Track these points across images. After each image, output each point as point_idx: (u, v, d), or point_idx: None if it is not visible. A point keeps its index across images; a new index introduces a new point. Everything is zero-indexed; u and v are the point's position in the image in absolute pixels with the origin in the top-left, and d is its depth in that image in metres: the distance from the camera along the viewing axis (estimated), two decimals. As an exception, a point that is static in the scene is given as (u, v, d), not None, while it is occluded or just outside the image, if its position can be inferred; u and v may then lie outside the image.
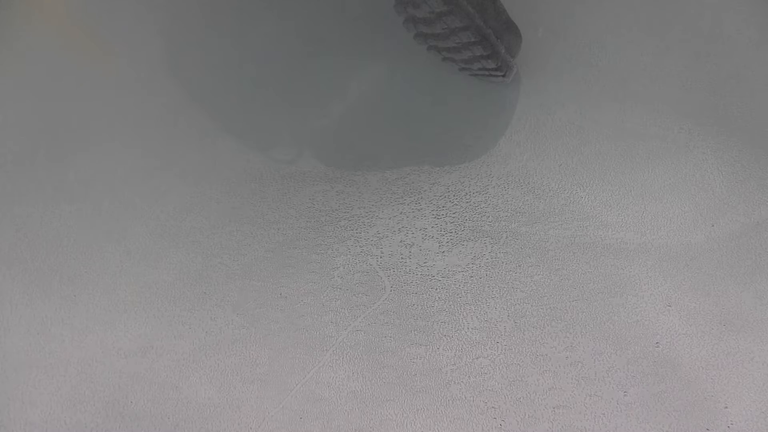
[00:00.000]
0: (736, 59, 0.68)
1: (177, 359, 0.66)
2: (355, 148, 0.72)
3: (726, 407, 0.60)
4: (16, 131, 0.72)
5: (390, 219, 0.69)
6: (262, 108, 0.73)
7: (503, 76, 0.65)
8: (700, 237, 0.65)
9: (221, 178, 0.71)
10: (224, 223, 0.70)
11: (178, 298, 0.68)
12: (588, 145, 0.69)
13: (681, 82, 0.68)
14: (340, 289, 0.68)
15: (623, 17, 0.70)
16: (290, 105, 0.73)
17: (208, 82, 0.74)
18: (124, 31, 0.75)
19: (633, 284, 0.65)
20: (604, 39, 0.70)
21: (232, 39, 0.74)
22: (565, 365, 0.63)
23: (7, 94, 0.73)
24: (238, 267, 0.69)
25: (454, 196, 0.69)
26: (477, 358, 0.64)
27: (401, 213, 0.69)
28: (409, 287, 0.67)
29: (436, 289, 0.67)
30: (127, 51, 0.74)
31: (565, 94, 0.70)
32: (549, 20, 0.71)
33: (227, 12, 0.75)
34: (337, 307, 0.67)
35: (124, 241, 0.69)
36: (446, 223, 0.69)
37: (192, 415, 0.64)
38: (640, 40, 0.69)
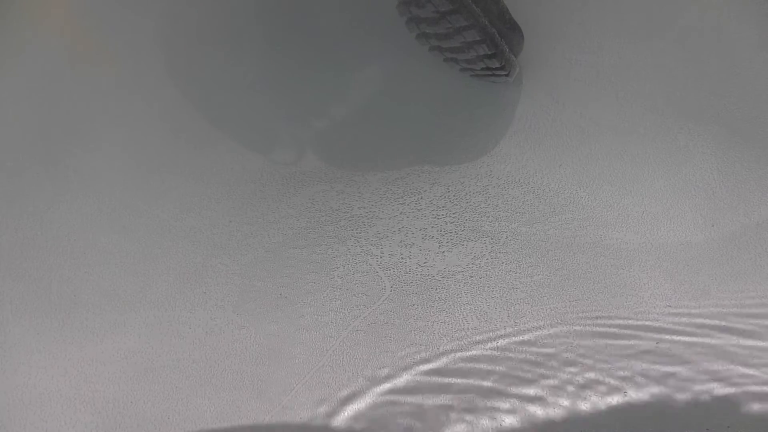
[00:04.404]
0: (736, 59, 0.68)
1: (177, 359, 0.66)
2: (355, 148, 0.72)
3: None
4: (16, 131, 0.72)
5: (390, 219, 0.69)
6: (262, 108, 0.73)
7: (507, 75, 0.65)
8: (700, 237, 0.65)
9: (221, 178, 0.71)
10: (224, 223, 0.70)
11: (178, 298, 0.68)
12: (588, 145, 0.69)
13: (681, 82, 0.68)
14: (340, 289, 0.68)
15: (623, 17, 0.70)
16: (290, 105, 0.73)
17: (208, 82, 0.74)
18: (123, 31, 0.75)
19: (633, 284, 0.65)
20: (604, 39, 0.70)
21: (233, 39, 0.74)
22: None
23: (7, 94, 0.73)
24: (238, 267, 0.69)
25: (454, 196, 0.69)
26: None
27: (401, 213, 0.69)
28: (409, 287, 0.67)
29: (436, 289, 0.67)
30: (127, 51, 0.74)
31: (565, 94, 0.70)
32: (550, 20, 0.71)
33: (227, 12, 0.75)
34: (337, 307, 0.67)
35: (124, 242, 0.69)
36: (446, 223, 0.69)
37: (192, 415, 0.64)
38: (640, 40, 0.69)
